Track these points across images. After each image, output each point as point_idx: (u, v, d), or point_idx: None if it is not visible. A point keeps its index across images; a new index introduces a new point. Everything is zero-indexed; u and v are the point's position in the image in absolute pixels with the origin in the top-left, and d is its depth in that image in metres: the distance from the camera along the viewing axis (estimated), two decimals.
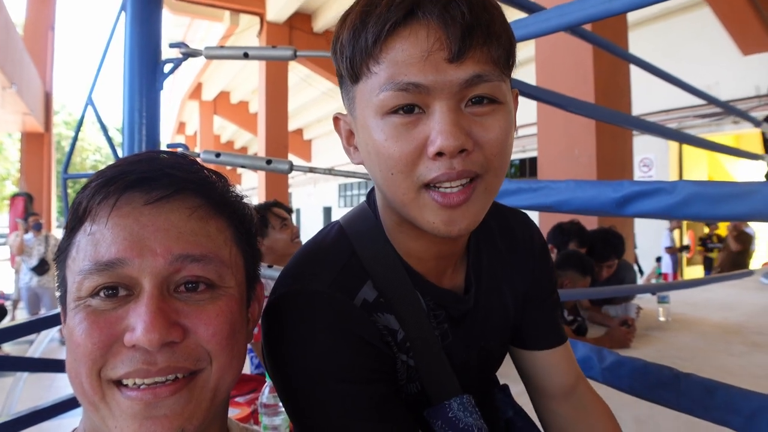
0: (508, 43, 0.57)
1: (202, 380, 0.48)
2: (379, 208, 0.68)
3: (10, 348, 5.19)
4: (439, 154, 0.54)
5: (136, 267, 0.47)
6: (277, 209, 2.36)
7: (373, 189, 0.71)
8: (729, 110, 2.93)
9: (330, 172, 1.73)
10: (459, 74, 0.53)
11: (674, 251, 8.03)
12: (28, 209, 8.30)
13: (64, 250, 0.51)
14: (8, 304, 6.55)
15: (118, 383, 0.46)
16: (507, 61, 0.57)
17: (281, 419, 1.23)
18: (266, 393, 1.24)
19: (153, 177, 0.49)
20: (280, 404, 1.24)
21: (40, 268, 6.03)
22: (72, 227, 0.50)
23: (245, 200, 0.58)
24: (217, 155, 1.57)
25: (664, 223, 7.97)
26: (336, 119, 0.67)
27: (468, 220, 0.57)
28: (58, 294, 0.53)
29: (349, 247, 0.66)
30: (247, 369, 2.11)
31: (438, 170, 0.54)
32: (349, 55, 0.57)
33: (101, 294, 0.47)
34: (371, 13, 0.55)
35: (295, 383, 0.60)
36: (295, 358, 0.59)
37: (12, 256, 6.23)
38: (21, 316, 6.31)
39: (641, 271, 7.74)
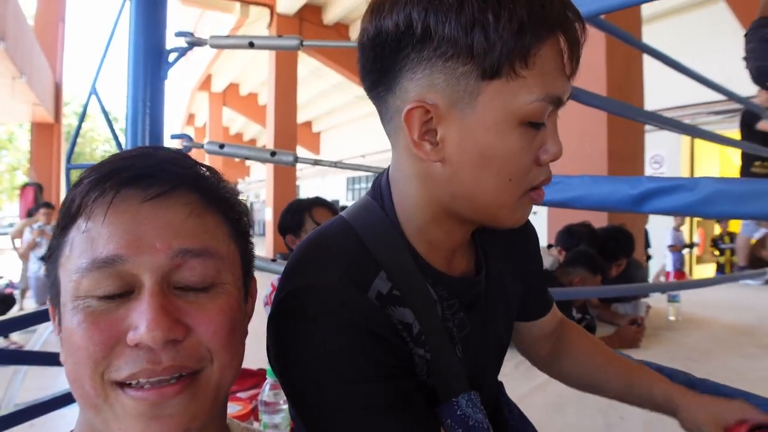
0: None
1: (205, 379, 0.48)
2: (412, 203, 0.63)
3: (18, 337, 5.21)
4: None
5: (136, 264, 0.45)
6: (320, 210, 2.05)
7: (377, 182, 0.68)
8: (747, 105, 2.87)
9: (336, 165, 1.70)
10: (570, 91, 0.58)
11: (677, 249, 7.94)
12: (38, 199, 8.35)
13: (56, 248, 0.49)
14: (16, 293, 6.59)
15: (122, 384, 0.45)
16: None
17: (281, 417, 1.20)
18: (267, 390, 1.22)
19: (150, 173, 0.48)
20: (281, 402, 1.22)
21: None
22: (64, 225, 0.48)
23: (240, 196, 0.57)
24: (221, 146, 1.55)
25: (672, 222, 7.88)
26: (417, 108, 0.56)
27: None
28: (48, 296, 0.51)
29: (357, 238, 0.62)
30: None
31: (544, 174, 0.59)
32: (509, 48, 0.51)
33: (99, 293, 0.45)
34: (533, 11, 0.51)
35: (308, 384, 0.57)
36: (308, 358, 0.56)
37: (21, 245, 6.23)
38: (28, 304, 6.34)
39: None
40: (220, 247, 0.50)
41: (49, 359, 1.59)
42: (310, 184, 20.02)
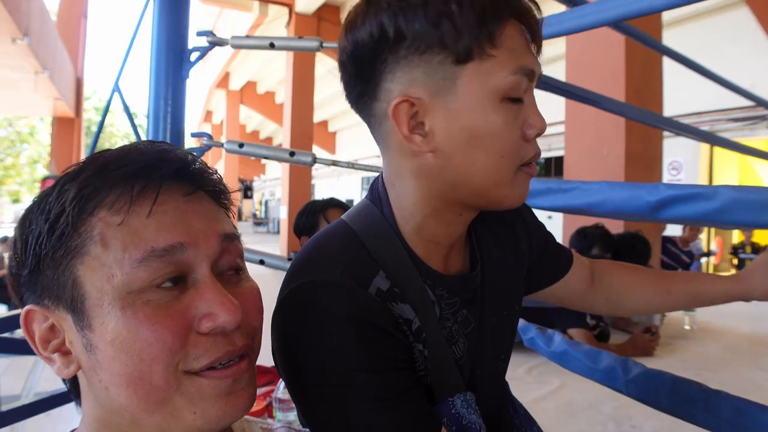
0: None
1: (252, 356, 0.51)
2: (407, 200, 0.65)
3: None
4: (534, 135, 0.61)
5: (194, 251, 0.47)
6: (334, 211, 2.03)
7: (376, 184, 0.70)
8: None
9: (352, 166, 1.71)
10: (540, 67, 0.62)
11: (695, 258, 7.83)
12: None
13: (70, 246, 0.44)
14: None
15: (197, 372, 0.46)
16: None
17: (295, 415, 1.22)
18: (281, 388, 1.24)
19: (185, 169, 0.50)
20: None
21: None
22: (77, 221, 0.45)
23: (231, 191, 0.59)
24: (241, 145, 1.56)
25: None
26: (403, 102, 0.58)
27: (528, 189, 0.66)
28: (51, 302, 0.46)
29: (357, 239, 0.64)
30: None
31: (533, 150, 0.62)
32: (475, 33, 0.56)
33: (159, 282, 0.45)
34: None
35: (312, 377, 0.58)
36: (312, 351, 0.57)
37: None
38: None
39: None
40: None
41: None
42: (325, 184, 20.09)
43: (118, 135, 29.66)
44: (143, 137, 1.70)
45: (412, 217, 0.65)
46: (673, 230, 6.79)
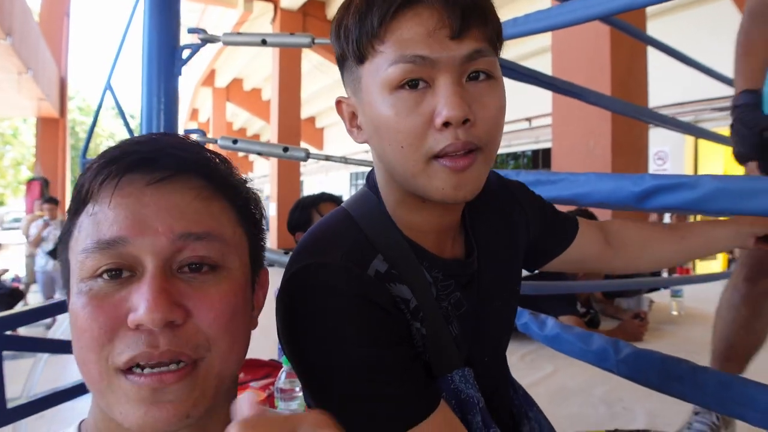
0: (498, 24, 0.63)
1: (205, 368, 0.48)
2: (381, 187, 0.70)
3: (24, 331, 5.23)
4: (446, 124, 0.58)
5: (138, 246, 0.46)
6: (327, 205, 2.08)
7: (371, 173, 0.74)
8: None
9: (345, 161, 1.73)
10: (461, 49, 0.58)
11: None
12: (44, 194, 8.40)
13: (66, 232, 0.51)
14: (22, 288, 6.63)
15: (123, 370, 0.45)
16: (498, 41, 0.63)
17: (297, 404, 1.24)
18: (282, 378, 1.26)
19: (155, 157, 0.49)
20: (297, 389, 1.26)
21: (56, 252, 6.05)
22: (75, 210, 0.50)
23: (249, 184, 0.58)
24: (234, 141, 1.58)
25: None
26: (338, 103, 0.70)
27: (472, 184, 0.62)
28: (62, 282, 0.53)
29: (355, 225, 0.68)
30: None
31: (445, 141, 0.59)
32: (356, 37, 0.61)
33: (104, 276, 0.46)
34: (371, 1, 0.60)
35: (317, 354, 0.61)
36: (315, 330, 0.60)
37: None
38: (32, 298, 6.37)
39: None
40: (225, 231, 0.51)
41: (70, 347, 1.61)
42: (314, 180, 20.03)
43: (103, 135, 29.32)
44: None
45: (389, 203, 0.69)
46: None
